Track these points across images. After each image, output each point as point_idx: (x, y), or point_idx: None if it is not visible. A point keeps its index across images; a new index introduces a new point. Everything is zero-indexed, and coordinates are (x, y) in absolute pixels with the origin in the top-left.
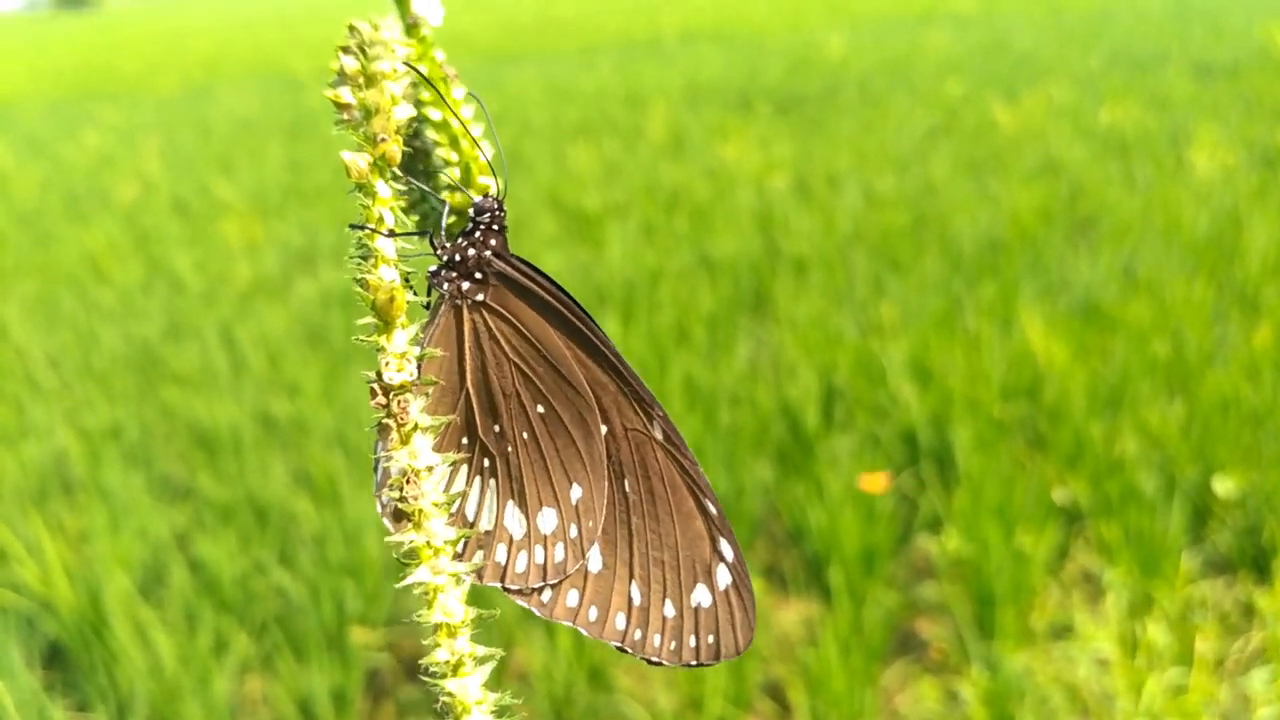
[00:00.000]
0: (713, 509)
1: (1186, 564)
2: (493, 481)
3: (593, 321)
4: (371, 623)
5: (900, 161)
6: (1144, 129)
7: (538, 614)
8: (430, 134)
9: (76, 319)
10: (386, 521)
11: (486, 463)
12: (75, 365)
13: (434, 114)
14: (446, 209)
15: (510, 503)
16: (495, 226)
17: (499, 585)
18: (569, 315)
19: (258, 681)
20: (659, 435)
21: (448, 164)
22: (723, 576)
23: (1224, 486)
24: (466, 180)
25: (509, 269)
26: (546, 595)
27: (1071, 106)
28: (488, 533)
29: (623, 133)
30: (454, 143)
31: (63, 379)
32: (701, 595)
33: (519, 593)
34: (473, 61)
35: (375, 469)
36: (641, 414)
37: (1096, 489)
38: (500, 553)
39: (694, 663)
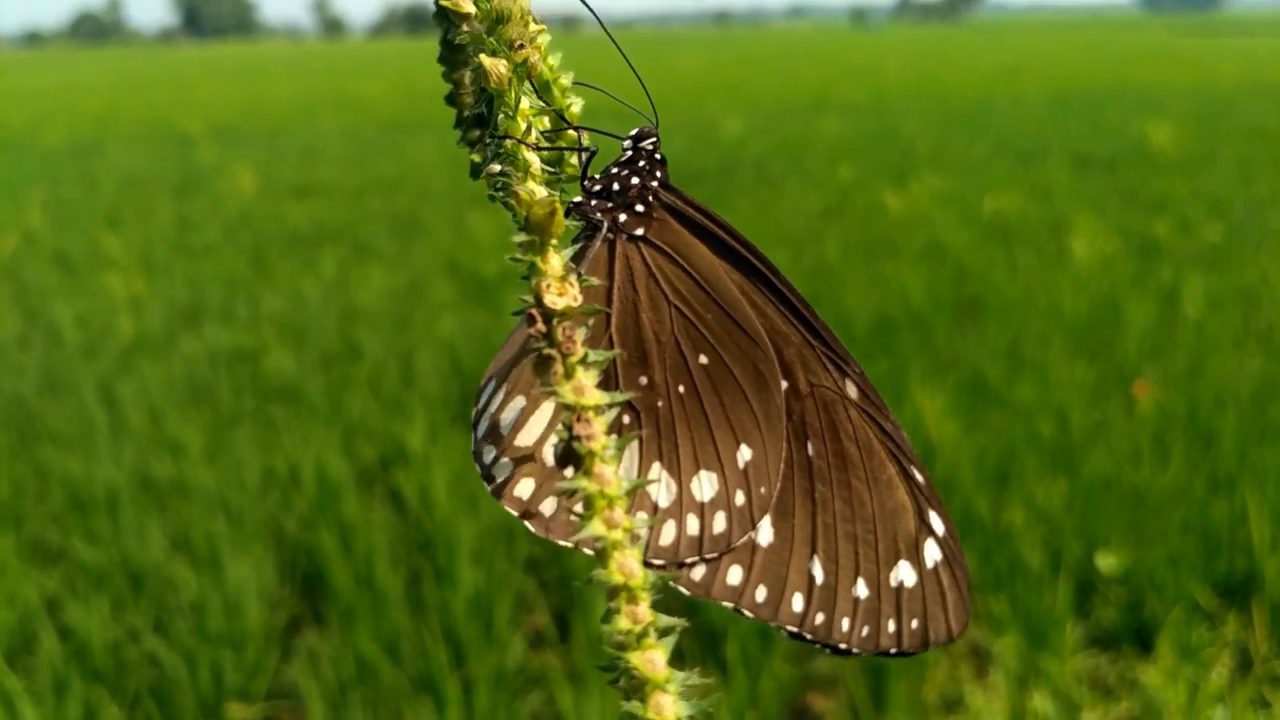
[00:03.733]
0: (919, 477)
1: (1073, 637)
2: (635, 440)
3: (776, 268)
4: (251, 697)
5: (794, 240)
6: (1026, 217)
7: (687, 593)
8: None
9: None
10: (487, 484)
11: (626, 419)
12: None
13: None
14: (584, 141)
15: (656, 465)
16: (658, 156)
17: None
18: (748, 257)
19: None
20: (853, 394)
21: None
22: (931, 552)
23: (1107, 562)
24: (557, 132)
25: (679, 202)
26: (700, 572)
27: (957, 193)
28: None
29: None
30: (545, 89)
31: None
32: (905, 573)
33: (662, 569)
34: (373, 129)
35: (476, 422)
36: (832, 370)
37: (986, 562)
38: None
39: (893, 650)
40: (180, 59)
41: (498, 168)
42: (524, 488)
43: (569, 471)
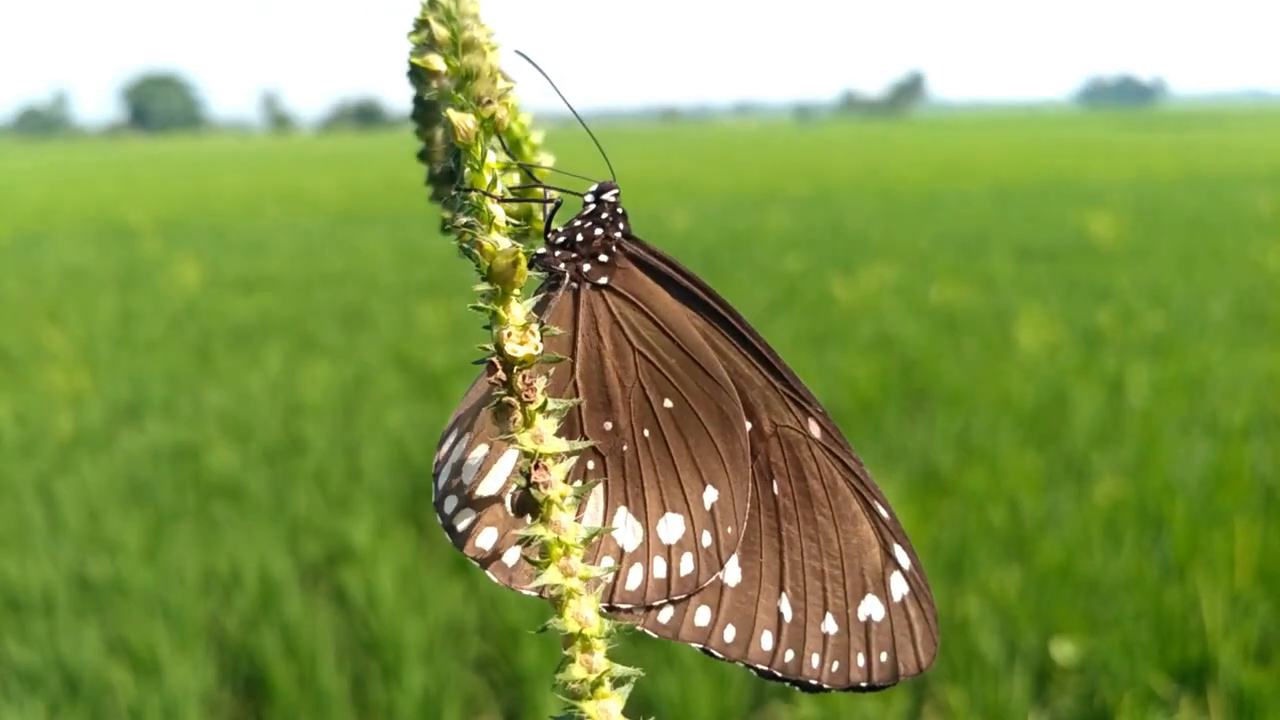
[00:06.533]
0: (884, 512)
1: None
2: (599, 485)
3: (738, 313)
4: None
5: None
6: (971, 307)
7: (654, 636)
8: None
9: None
10: (449, 534)
11: (591, 464)
12: None
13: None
14: (547, 197)
15: (622, 509)
16: (620, 210)
17: (604, 605)
18: (710, 303)
19: None
20: (816, 433)
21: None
22: (898, 585)
23: (1062, 651)
24: (526, 187)
25: (642, 251)
26: (667, 614)
27: (904, 284)
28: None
29: (472, 294)
30: (516, 146)
31: None
32: (872, 607)
33: (629, 613)
34: (321, 223)
35: (437, 473)
36: (795, 410)
37: (943, 654)
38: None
39: (864, 684)
40: (126, 154)
41: (463, 220)
42: (486, 537)
43: (528, 519)
